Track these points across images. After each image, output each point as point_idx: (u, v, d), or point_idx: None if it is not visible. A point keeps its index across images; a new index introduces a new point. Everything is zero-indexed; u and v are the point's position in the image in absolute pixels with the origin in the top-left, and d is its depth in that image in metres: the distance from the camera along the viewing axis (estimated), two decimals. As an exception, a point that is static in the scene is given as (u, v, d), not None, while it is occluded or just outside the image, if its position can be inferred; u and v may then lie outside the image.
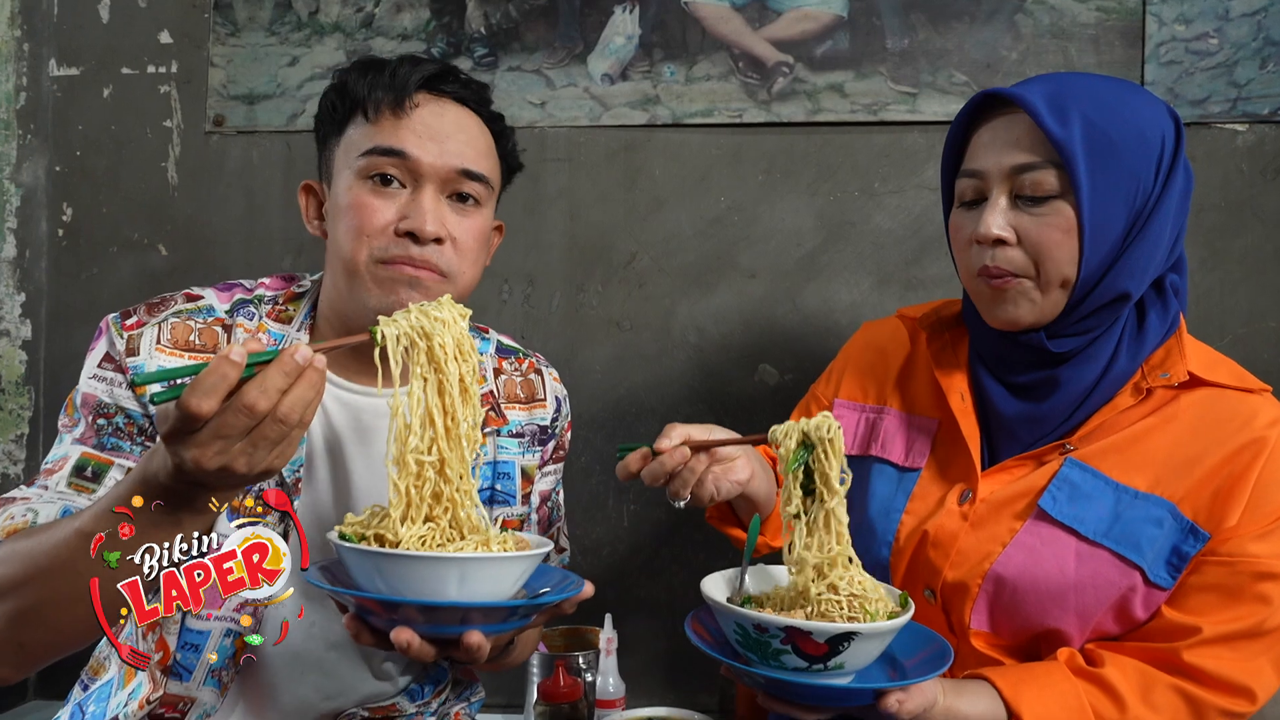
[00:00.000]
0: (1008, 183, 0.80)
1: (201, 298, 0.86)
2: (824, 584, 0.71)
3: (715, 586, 0.77)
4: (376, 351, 0.69)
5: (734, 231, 1.41)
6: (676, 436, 0.78)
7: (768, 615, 0.69)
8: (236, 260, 1.47)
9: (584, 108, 1.43)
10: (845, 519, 0.72)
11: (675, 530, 1.40)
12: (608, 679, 1.25)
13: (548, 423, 0.97)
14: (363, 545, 0.67)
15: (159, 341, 0.81)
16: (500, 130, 0.90)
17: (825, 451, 0.72)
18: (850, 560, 0.73)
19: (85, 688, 0.85)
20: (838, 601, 0.70)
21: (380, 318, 0.70)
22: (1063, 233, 0.78)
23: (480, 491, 0.89)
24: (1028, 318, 0.80)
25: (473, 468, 0.85)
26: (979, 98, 0.83)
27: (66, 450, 0.79)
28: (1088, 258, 0.78)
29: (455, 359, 0.70)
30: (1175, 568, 0.77)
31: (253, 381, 0.60)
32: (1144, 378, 0.81)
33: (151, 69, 1.49)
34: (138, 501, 0.62)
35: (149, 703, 0.79)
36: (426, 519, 0.69)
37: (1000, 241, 0.79)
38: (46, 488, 0.77)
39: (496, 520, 0.89)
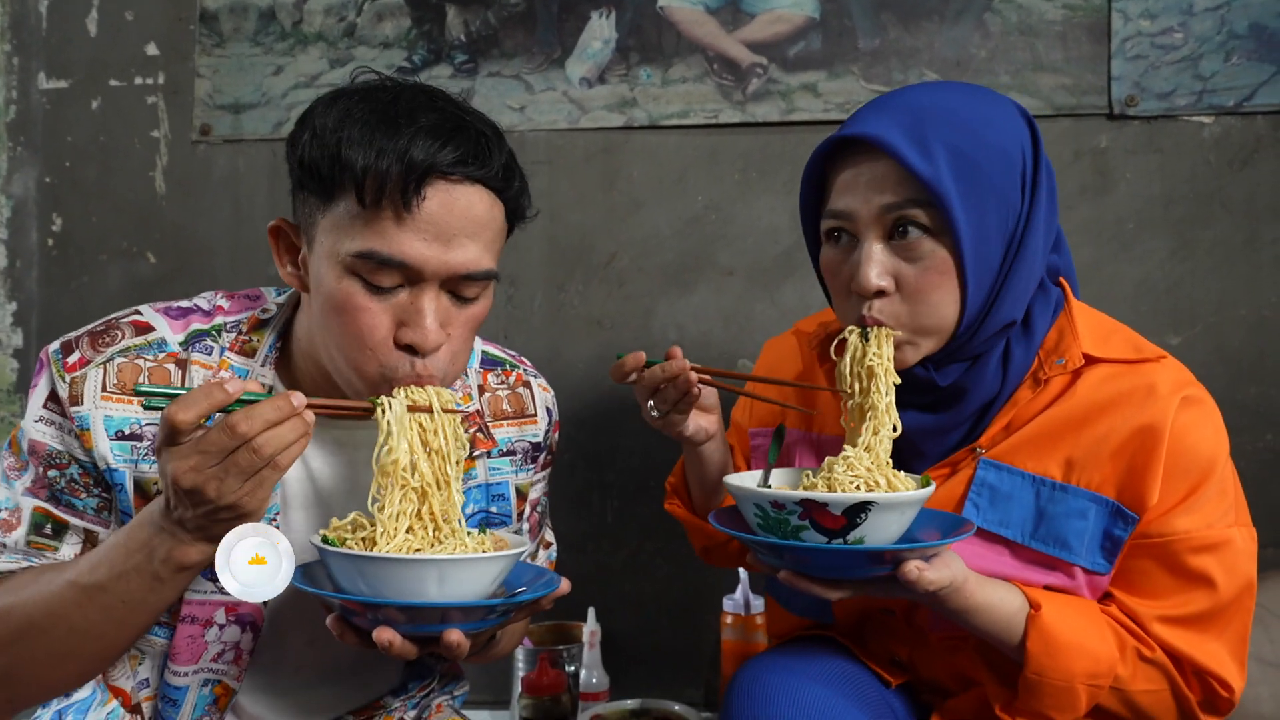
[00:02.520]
0: (878, 224, 0.75)
1: (152, 329, 0.78)
2: (844, 463, 0.73)
3: (740, 479, 0.78)
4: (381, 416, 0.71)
5: (711, 230, 1.41)
6: (682, 357, 0.80)
7: (785, 491, 0.70)
8: (224, 267, 1.47)
9: (562, 111, 1.43)
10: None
11: (659, 526, 1.40)
12: (591, 672, 1.24)
13: (540, 438, 0.93)
14: (345, 549, 0.67)
15: (104, 388, 0.74)
16: (514, 198, 0.76)
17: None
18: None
19: (67, 695, 0.85)
20: (855, 478, 0.71)
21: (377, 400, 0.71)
22: (941, 275, 0.74)
23: (474, 516, 0.87)
24: (913, 360, 0.77)
25: (464, 491, 0.85)
26: (835, 140, 0.77)
27: (18, 501, 0.76)
28: (971, 296, 0.74)
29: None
30: (1110, 551, 0.76)
31: (243, 409, 0.61)
32: (1041, 367, 0.79)
33: (139, 80, 1.49)
34: (124, 552, 0.67)
35: None
36: (408, 530, 0.70)
37: (880, 292, 0.75)
38: (4, 546, 0.75)
39: None
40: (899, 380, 0.76)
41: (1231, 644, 0.76)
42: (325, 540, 0.69)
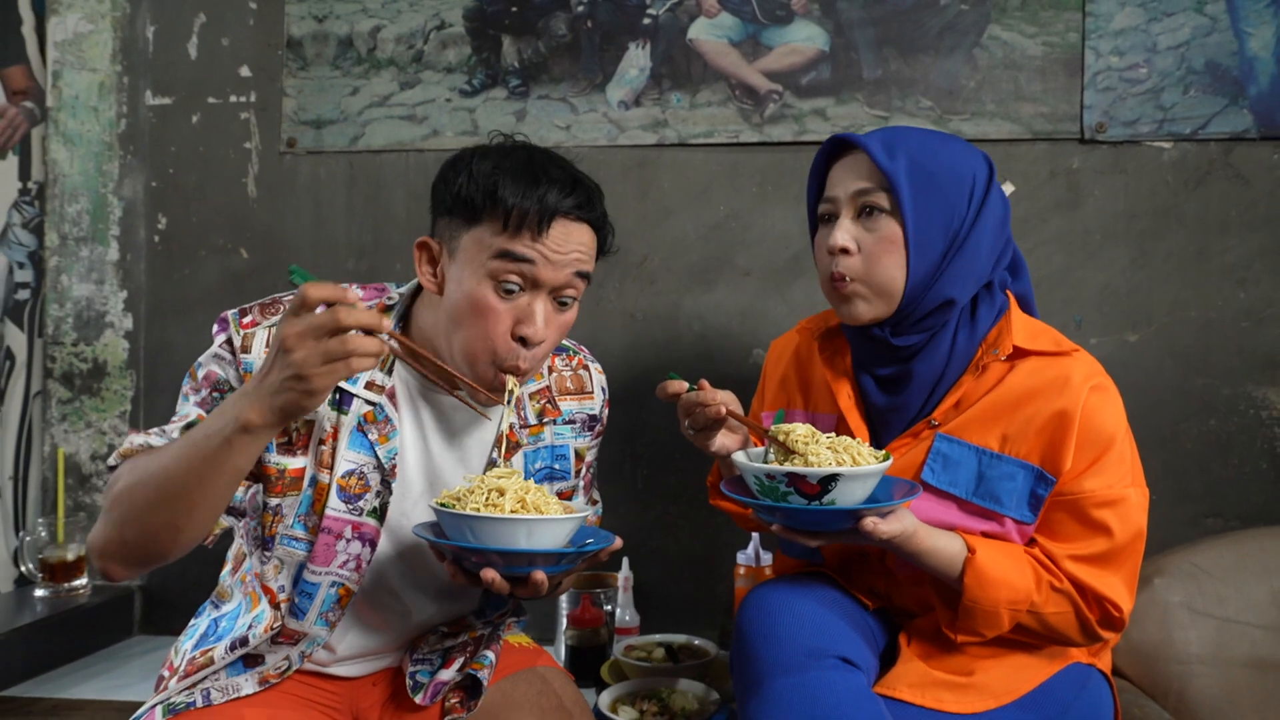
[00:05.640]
0: (852, 204, 1.01)
1: None
2: (820, 445, 0.93)
3: (744, 456, 0.98)
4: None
5: (732, 236, 1.64)
6: (723, 394, 0.99)
7: (774, 466, 0.91)
8: (306, 263, 1.71)
9: (603, 130, 1.66)
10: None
11: (682, 492, 1.63)
12: (625, 611, 1.49)
13: (596, 411, 1.15)
14: (458, 510, 0.89)
15: (267, 344, 0.96)
16: (605, 236, 1.01)
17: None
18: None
19: (217, 606, 1.08)
20: (832, 454, 0.92)
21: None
22: (891, 244, 0.98)
23: (540, 470, 1.11)
24: (866, 315, 1.01)
25: (533, 451, 1.09)
26: (831, 142, 1.05)
27: (188, 410, 0.97)
28: (914, 267, 0.98)
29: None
30: (1034, 507, 0.98)
31: (349, 307, 0.81)
32: (982, 356, 1.01)
33: (233, 98, 1.73)
34: (217, 415, 0.85)
35: (272, 628, 1.00)
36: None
37: (845, 250, 1.00)
38: (165, 432, 0.95)
39: (555, 492, 1.11)
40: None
41: (1125, 577, 0.98)
42: (442, 505, 0.91)
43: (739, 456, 0.97)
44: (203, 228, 1.74)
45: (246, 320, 0.99)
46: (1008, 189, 1.58)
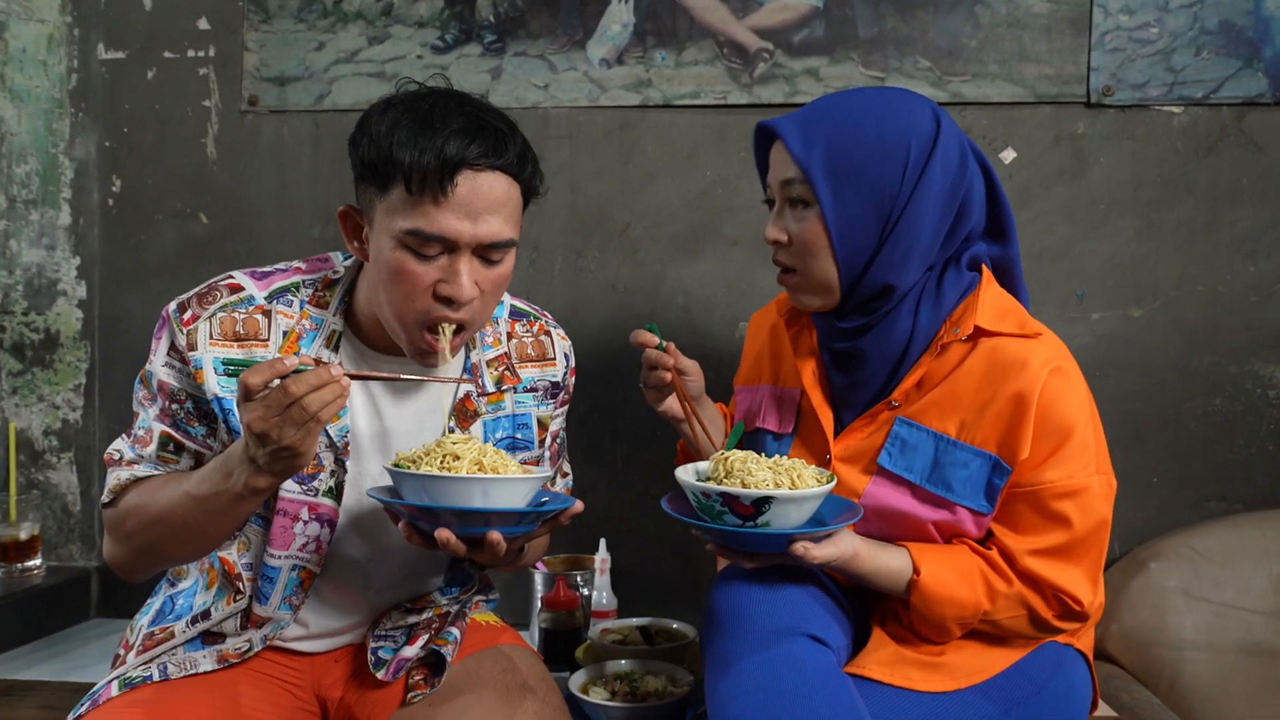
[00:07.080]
0: (782, 193, 1.04)
1: (242, 288, 1.01)
2: (761, 465, 0.94)
3: (686, 472, 1.00)
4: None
5: (718, 203, 1.63)
6: (685, 362, 1.07)
7: (710, 485, 0.93)
8: (270, 228, 1.70)
9: (583, 90, 1.64)
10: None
11: (663, 470, 1.63)
12: (602, 593, 1.50)
13: (559, 378, 1.16)
14: (412, 470, 0.90)
15: (212, 336, 0.99)
16: (529, 180, 0.97)
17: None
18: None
19: (173, 584, 1.10)
20: (771, 475, 0.93)
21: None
22: (815, 236, 1.01)
23: (502, 440, 1.11)
24: (814, 305, 1.05)
25: (493, 420, 1.09)
26: (760, 131, 1.08)
27: (151, 425, 1.01)
28: (843, 262, 1.00)
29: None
30: (990, 496, 0.99)
31: (294, 375, 0.84)
32: (944, 335, 1.01)
33: (191, 53, 1.71)
34: (221, 475, 0.91)
35: (234, 601, 1.03)
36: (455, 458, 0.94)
37: (777, 242, 1.04)
38: (142, 457, 1.01)
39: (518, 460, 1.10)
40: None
41: (1087, 569, 0.99)
42: (396, 465, 0.92)
43: (680, 472, 0.99)
44: (159, 191, 1.72)
45: (187, 316, 1.00)
46: (1008, 156, 1.57)
